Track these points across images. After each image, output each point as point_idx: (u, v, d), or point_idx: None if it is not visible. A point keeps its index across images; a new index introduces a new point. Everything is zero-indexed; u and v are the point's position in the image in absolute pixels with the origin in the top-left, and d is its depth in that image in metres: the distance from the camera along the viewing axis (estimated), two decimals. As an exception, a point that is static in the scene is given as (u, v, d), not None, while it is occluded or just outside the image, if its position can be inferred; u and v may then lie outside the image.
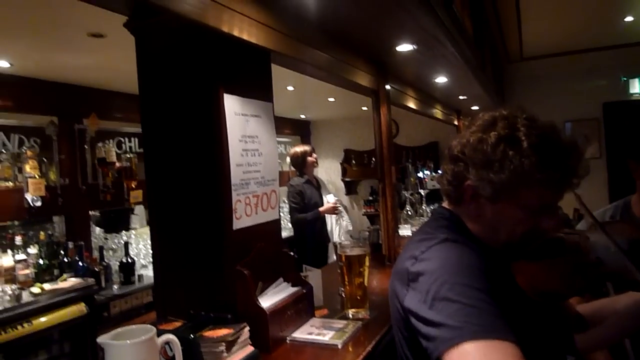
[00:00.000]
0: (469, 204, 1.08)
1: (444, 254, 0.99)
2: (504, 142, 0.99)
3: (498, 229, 1.06)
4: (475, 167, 1.03)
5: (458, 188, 1.08)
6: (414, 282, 0.98)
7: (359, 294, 1.89)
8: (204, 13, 1.38)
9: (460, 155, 1.06)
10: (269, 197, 1.86)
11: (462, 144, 1.07)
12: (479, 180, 1.02)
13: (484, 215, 1.06)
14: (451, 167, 1.09)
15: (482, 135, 1.03)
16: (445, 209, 1.17)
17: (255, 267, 1.67)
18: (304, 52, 2.00)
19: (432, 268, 0.96)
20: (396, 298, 1.04)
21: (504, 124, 1.02)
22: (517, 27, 5.10)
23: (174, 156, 1.70)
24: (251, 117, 1.77)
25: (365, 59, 2.61)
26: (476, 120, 1.09)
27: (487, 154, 1.00)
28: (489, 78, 4.39)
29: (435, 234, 1.06)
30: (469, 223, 1.11)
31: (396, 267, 1.10)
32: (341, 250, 1.88)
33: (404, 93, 3.50)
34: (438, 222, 1.14)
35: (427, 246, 1.02)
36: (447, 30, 2.31)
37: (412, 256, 1.02)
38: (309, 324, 1.81)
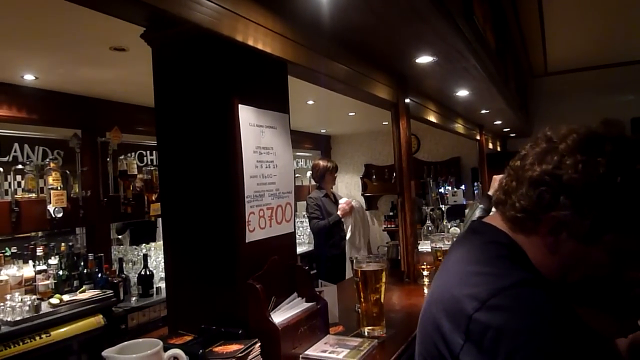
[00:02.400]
0: (544, 237, 0.86)
1: (526, 307, 0.77)
2: (620, 176, 0.79)
3: (571, 271, 0.87)
4: (571, 198, 0.81)
5: (534, 217, 0.86)
6: (481, 336, 0.77)
7: (375, 311, 1.83)
8: (218, 22, 1.37)
9: (547, 178, 0.83)
10: (283, 209, 1.82)
11: (552, 163, 0.84)
12: (574, 214, 0.81)
13: (560, 253, 0.86)
14: (530, 191, 0.86)
15: (586, 158, 0.81)
16: (501, 232, 0.93)
17: (268, 281, 1.63)
18: (320, 63, 1.98)
19: (513, 327, 0.75)
20: (442, 339, 0.85)
21: (615, 148, 0.81)
22: (542, 41, 5.03)
23: (188, 167, 1.69)
24: (266, 128, 1.75)
25: (384, 71, 2.58)
26: (568, 134, 0.86)
27: (594, 186, 0.79)
28: (512, 92, 4.31)
29: (502, 269, 0.85)
30: (534, 257, 0.89)
31: (442, 295, 0.90)
32: (357, 265, 1.83)
33: (425, 107, 3.46)
34: (498, 251, 0.90)
35: (496, 287, 0.80)
36: (467, 42, 2.26)
37: (475, 297, 0.80)
38: (323, 342, 1.76)
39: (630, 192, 0.79)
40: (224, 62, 1.59)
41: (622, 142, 0.82)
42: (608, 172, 0.79)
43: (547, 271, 0.88)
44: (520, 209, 0.87)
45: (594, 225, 0.81)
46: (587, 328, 0.88)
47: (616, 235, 0.81)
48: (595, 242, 0.82)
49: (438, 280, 0.95)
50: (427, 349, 0.91)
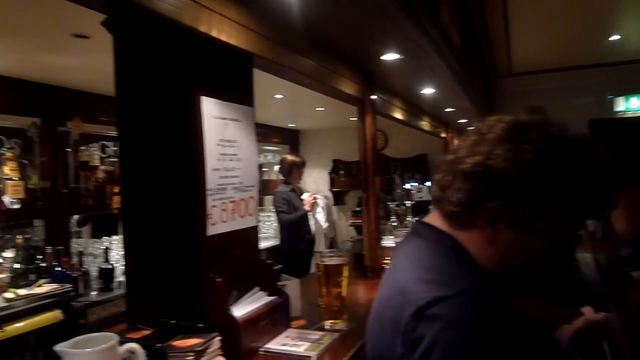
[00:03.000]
0: (482, 229, 0.86)
1: (462, 319, 0.77)
2: (547, 160, 0.80)
3: (512, 260, 0.88)
4: (503, 188, 0.81)
5: (471, 210, 0.86)
6: (416, 345, 0.77)
7: (337, 305, 1.85)
8: (181, 12, 1.35)
9: (480, 170, 0.83)
10: (247, 203, 1.82)
11: (481, 154, 0.84)
12: (508, 203, 0.81)
13: (500, 243, 0.86)
14: (464, 184, 0.85)
15: (513, 146, 0.82)
16: (442, 232, 0.92)
17: (229, 275, 1.62)
18: (287, 57, 1.97)
19: (446, 338, 0.75)
20: (386, 347, 0.85)
21: (540, 134, 0.82)
22: (506, 43, 5.15)
23: (149, 159, 1.66)
24: (230, 121, 1.73)
25: (350, 67, 2.60)
26: (495, 125, 0.87)
27: (524, 173, 0.80)
28: (477, 91, 4.40)
29: (445, 276, 0.85)
30: (473, 250, 0.89)
31: (387, 302, 0.90)
32: (320, 259, 1.84)
33: (391, 103, 3.50)
34: (439, 253, 0.91)
35: (436, 296, 0.79)
36: (433, 41, 2.30)
37: (415, 306, 0.80)
38: (284, 335, 1.77)
39: (558, 175, 0.80)
40: (187, 53, 1.57)
41: (547, 127, 0.84)
42: (535, 158, 0.80)
43: (489, 264, 0.89)
44: (456, 203, 0.87)
45: (527, 212, 0.81)
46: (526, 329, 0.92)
47: (549, 220, 0.82)
48: (531, 229, 0.83)
49: (384, 287, 0.95)
50: (375, 354, 0.93)
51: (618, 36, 5.08)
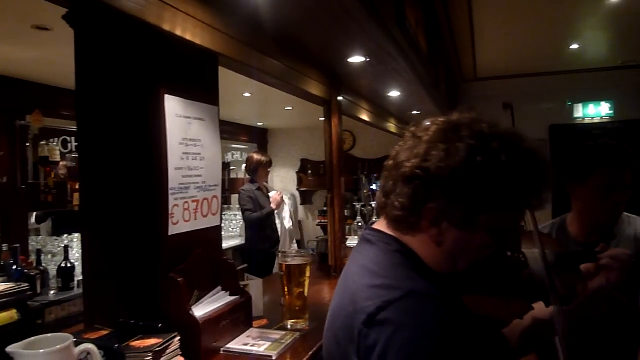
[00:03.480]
0: (428, 230, 0.88)
1: (411, 320, 0.78)
2: (479, 156, 0.82)
3: (460, 258, 0.89)
4: (443, 188, 0.83)
5: (415, 213, 0.87)
6: (370, 351, 0.78)
7: (299, 305, 1.86)
8: (144, 10, 1.34)
9: (418, 172, 0.85)
10: (210, 202, 1.81)
11: (419, 157, 0.86)
12: (448, 202, 0.84)
13: (446, 243, 0.88)
14: (406, 188, 0.87)
15: (447, 146, 0.84)
16: (390, 237, 0.94)
17: (191, 274, 1.61)
18: (254, 57, 1.98)
19: (399, 341, 0.76)
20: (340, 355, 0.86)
21: (471, 132, 0.84)
22: (472, 48, 5.26)
23: (110, 157, 1.63)
24: (194, 120, 1.72)
25: (317, 69, 2.62)
26: (429, 127, 0.90)
27: (458, 171, 0.82)
28: (443, 95, 4.49)
29: (393, 280, 0.85)
30: (422, 252, 0.91)
31: (340, 311, 0.90)
32: (282, 259, 1.86)
33: (358, 105, 3.53)
34: (388, 258, 0.91)
35: (385, 300, 0.80)
36: (398, 45, 2.34)
37: (365, 312, 0.80)
38: (245, 335, 1.77)
39: (491, 170, 0.82)
40: (151, 51, 1.56)
41: (477, 125, 0.86)
42: (468, 155, 0.82)
43: (439, 265, 0.91)
44: (400, 207, 0.88)
45: (467, 209, 0.84)
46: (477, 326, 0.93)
47: (490, 214, 0.84)
48: (473, 225, 0.85)
49: (337, 296, 0.96)
50: None
51: (577, 45, 5.27)
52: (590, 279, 1.15)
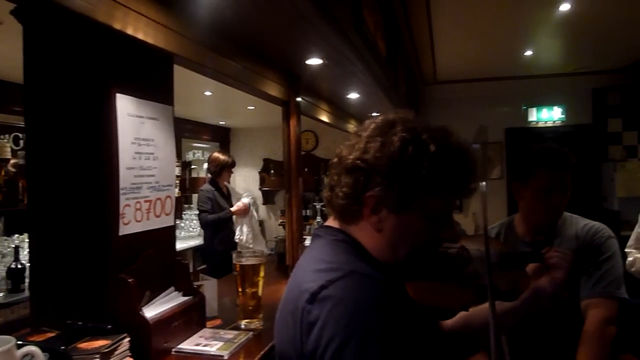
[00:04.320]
0: (369, 218, 0.96)
1: (350, 295, 0.85)
2: (411, 146, 0.92)
3: (399, 244, 0.97)
4: (380, 175, 0.92)
5: (357, 201, 0.95)
6: (311, 327, 0.84)
7: (252, 305, 1.87)
8: (93, 8, 1.32)
9: (359, 163, 0.94)
10: (163, 202, 1.80)
11: (359, 150, 0.95)
12: (385, 189, 0.92)
13: (386, 229, 0.96)
14: (348, 178, 0.96)
15: (383, 139, 0.94)
16: (336, 229, 1.02)
17: (142, 275, 1.60)
18: (210, 58, 1.97)
19: (338, 315, 0.82)
20: (290, 339, 0.91)
21: (404, 127, 0.95)
22: (431, 52, 5.38)
23: (59, 155, 1.60)
24: (147, 119, 1.71)
25: (275, 70, 2.63)
26: (369, 125, 1.00)
27: (393, 159, 0.92)
28: (402, 98, 4.57)
29: (336, 264, 0.92)
30: (366, 242, 0.99)
31: (287, 296, 0.96)
32: (236, 259, 1.86)
33: (317, 106, 3.56)
34: (333, 246, 0.99)
35: (327, 279, 0.87)
36: (355, 49, 2.38)
37: (309, 291, 0.87)
38: (198, 335, 1.77)
39: (421, 158, 0.92)
40: (102, 49, 1.53)
41: (409, 122, 0.98)
42: (402, 146, 0.92)
43: (380, 253, 0.99)
44: (343, 196, 0.97)
45: (402, 194, 0.93)
46: (415, 312, 1.00)
47: (422, 200, 0.94)
48: (408, 210, 0.94)
49: (287, 286, 1.01)
50: (280, 349, 0.97)
51: (531, 52, 5.47)
52: (535, 278, 1.22)
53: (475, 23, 4.51)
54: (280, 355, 0.97)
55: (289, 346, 0.92)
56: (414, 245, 0.99)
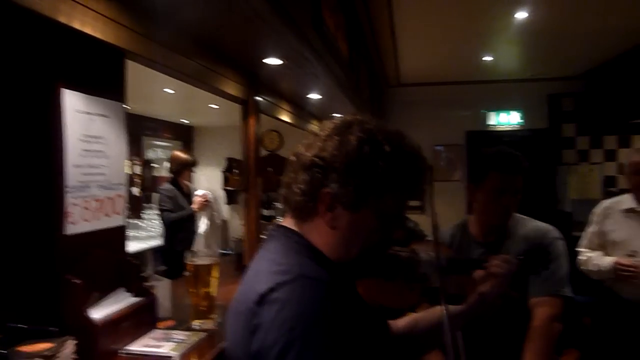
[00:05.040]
0: (324, 215, 0.98)
1: (297, 299, 0.86)
2: (367, 145, 0.95)
3: (352, 242, 1.00)
4: (336, 172, 0.95)
5: (313, 198, 0.97)
6: (258, 329, 0.86)
7: (205, 305, 1.86)
8: (38, 1, 1.28)
9: (316, 160, 0.96)
10: (113, 201, 1.76)
11: (317, 148, 0.98)
12: (341, 186, 0.94)
13: (339, 227, 0.98)
14: (305, 175, 0.97)
15: (341, 138, 0.96)
16: (290, 230, 1.04)
17: (90, 275, 1.56)
18: (164, 55, 1.94)
19: (283, 318, 0.84)
20: (240, 339, 0.92)
21: (361, 127, 0.98)
22: (394, 55, 5.45)
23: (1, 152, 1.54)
24: (97, 116, 1.67)
25: (233, 68, 2.61)
26: (327, 125, 1.03)
27: (350, 157, 0.94)
28: (365, 99, 4.62)
29: (287, 266, 0.93)
30: (319, 240, 1.01)
31: (239, 296, 0.98)
32: (189, 259, 1.84)
33: (278, 106, 3.56)
34: (286, 247, 1.00)
35: (276, 282, 0.89)
36: (314, 50, 2.38)
37: (259, 292, 0.89)
38: (148, 336, 1.74)
39: (376, 157, 0.95)
40: (48, 43, 1.49)
41: (366, 123, 1.01)
42: (358, 145, 0.95)
43: (333, 251, 1.00)
44: (300, 193, 0.99)
45: (357, 192, 0.95)
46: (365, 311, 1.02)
47: (376, 198, 0.96)
48: (362, 208, 0.97)
49: (240, 286, 1.02)
50: (230, 349, 0.99)
51: (491, 57, 5.61)
52: (480, 283, 1.26)
53: (436, 28, 4.60)
54: (230, 355, 0.98)
55: (238, 346, 0.93)
56: (367, 244, 1.01)
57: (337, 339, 0.85)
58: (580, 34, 4.71)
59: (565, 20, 4.32)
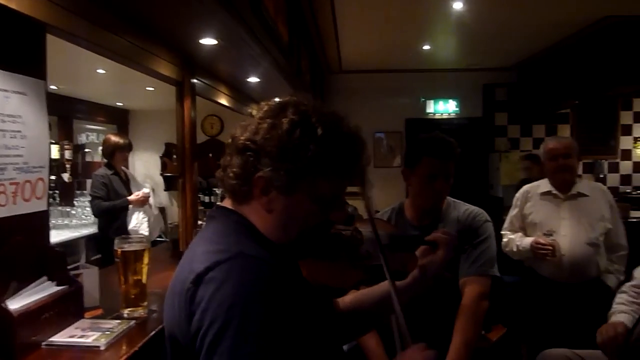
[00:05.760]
0: (259, 199, 0.97)
1: (235, 277, 0.85)
2: (299, 128, 0.93)
3: (289, 224, 0.99)
4: (268, 156, 0.93)
5: (247, 182, 0.96)
6: (196, 309, 0.85)
7: (135, 292, 1.79)
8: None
9: (249, 144, 0.95)
10: (33, 186, 1.66)
11: (250, 131, 0.96)
12: (273, 170, 0.93)
13: (276, 210, 0.97)
14: (238, 159, 0.96)
15: (273, 121, 0.94)
16: (229, 210, 1.03)
17: (7, 264, 1.47)
18: (89, 31, 1.83)
19: (221, 296, 0.83)
20: (177, 321, 0.90)
21: (295, 110, 0.96)
22: (336, 42, 5.46)
23: None
24: (13, 93, 1.56)
25: (167, 48, 2.51)
26: (262, 107, 1.01)
27: (282, 141, 0.93)
28: (306, 85, 4.60)
29: (225, 245, 0.92)
30: (258, 222, 1.00)
31: (177, 276, 0.96)
32: (118, 245, 1.76)
33: (215, 89, 3.47)
34: (225, 227, 0.99)
35: (214, 261, 0.87)
36: (251, 31, 2.34)
37: (196, 272, 0.87)
38: (74, 327, 1.66)
39: (308, 141, 0.94)
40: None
41: (301, 105, 0.99)
42: (290, 128, 0.93)
43: (272, 233, 1.00)
44: (234, 177, 0.98)
45: (289, 176, 0.94)
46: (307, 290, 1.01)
47: (311, 182, 0.95)
48: (297, 191, 0.96)
49: (178, 267, 1.00)
50: (169, 330, 0.97)
51: (429, 47, 5.75)
52: (422, 259, 1.28)
53: (377, 16, 4.64)
54: (169, 337, 0.96)
55: (176, 327, 0.92)
56: (304, 226, 1.00)
57: (277, 317, 0.85)
58: (512, 26, 4.91)
59: (499, 12, 4.49)
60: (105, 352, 1.51)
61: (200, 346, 0.83)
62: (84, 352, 1.51)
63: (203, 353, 0.82)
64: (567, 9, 4.37)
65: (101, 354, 1.50)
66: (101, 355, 1.50)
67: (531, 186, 3.06)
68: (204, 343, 0.82)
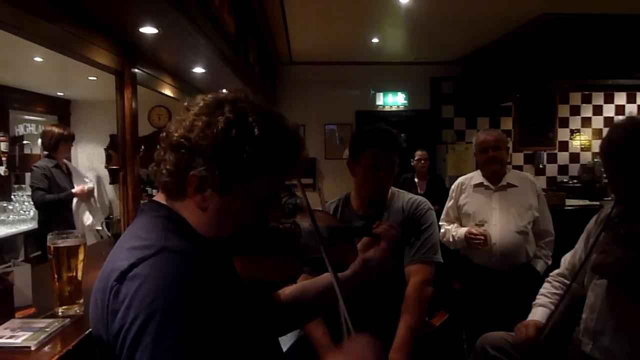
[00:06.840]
0: (193, 196, 0.95)
1: (158, 272, 0.84)
2: (235, 128, 0.91)
3: (224, 223, 0.98)
4: (202, 156, 0.91)
5: (181, 179, 0.94)
6: (119, 306, 0.83)
7: (70, 290, 1.73)
8: None
9: (183, 141, 0.92)
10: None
11: (185, 128, 0.93)
12: (208, 169, 0.91)
13: (210, 209, 0.95)
14: (172, 156, 0.93)
15: (208, 119, 0.92)
16: (160, 205, 1.01)
17: None
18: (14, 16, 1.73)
19: (143, 293, 0.81)
20: (100, 318, 0.88)
21: (232, 107, 0.94)
22: (285, 33, 5.42)
23: None
24: None
25: (105, 36, 2.42)
26: (198, 102, 0.97)
27: (216, 141, 0.90)
28: (255, 76, 4.55)
29: (152, 240, 0.90)
30: (191, 219, 0.98)
31: (102, 273, 0.93)
32: (51, 241, 1.70)
33: (159, 79, 3.38)
34: (153, 222, 0.97)
35: (138, 257, 0.86)
36: (193, 20, 2.29)
37: (120, 269, 0.85)
38: (3, 327, 1.59)
39: (244, 141, 0.92)
40: None
41: (239, 102, 0.97)
42: (225, 127, 0.91)
43: (205, 230, 0.98)
44: (167, 174, 0.95)
45: (224, 175, 0.92)
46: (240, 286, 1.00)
47: (244, 181, 0.94)
48: (232, 191, 0.94)
49: (104, 264, 0.97)
50: (94, 328, 0.94)
51: (378, 40, 5.81)
52: (364, 250, 1.30)
53: (326, 7, 4.63)
54: (95, 336, 0.94)
55: (100, 326, 0.89)
56: (239, 224, 0.99)
57: (202, 312, 0.83)
58: (457, 21, 5.03)
59: (444, 7, 4.59)
60: (37, 352, 1.46)
61: (123, 343, 0.81)
62: (14, 353, 1.45)
63: (126, 349, 0.80)
64: (508, 6, 4.52)
65: (31, 355, 1.45)
66: (32, 355, 1.45)
67: (465, 178, 3.20)
68: (127, 339, 0.80)
